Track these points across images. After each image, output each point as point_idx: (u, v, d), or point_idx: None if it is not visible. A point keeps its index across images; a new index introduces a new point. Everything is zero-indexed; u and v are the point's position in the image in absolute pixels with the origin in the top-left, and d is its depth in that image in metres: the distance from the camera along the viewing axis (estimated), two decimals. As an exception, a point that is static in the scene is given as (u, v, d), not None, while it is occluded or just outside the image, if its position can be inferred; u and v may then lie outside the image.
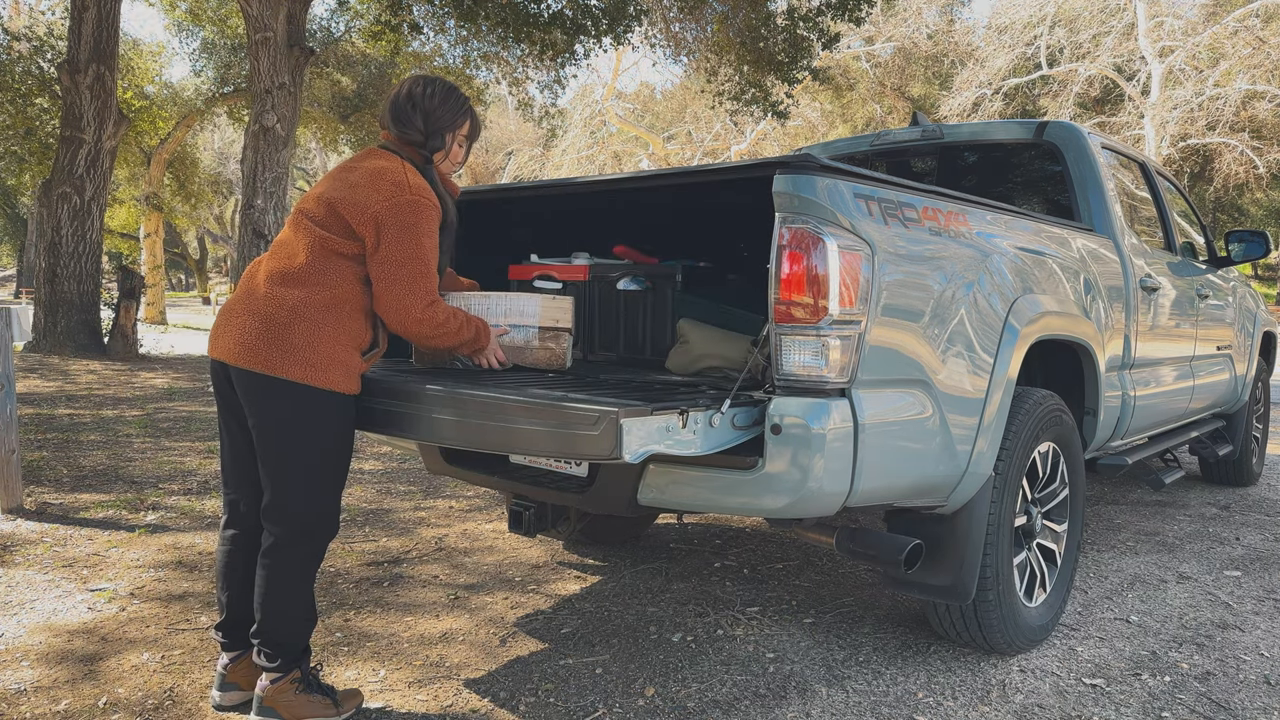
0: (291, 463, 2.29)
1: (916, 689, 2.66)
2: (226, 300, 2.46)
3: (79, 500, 4.65)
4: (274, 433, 2.28)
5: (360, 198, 2.31)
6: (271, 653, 2.35)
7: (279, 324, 2.25)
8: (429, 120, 2.48)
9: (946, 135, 4.21)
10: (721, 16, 13.03)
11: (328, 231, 2.31)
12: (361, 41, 18.19)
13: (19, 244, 37.29)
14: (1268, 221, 30.47)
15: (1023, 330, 2.70)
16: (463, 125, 2.55)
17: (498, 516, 4.59)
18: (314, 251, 2.31)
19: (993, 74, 26.24)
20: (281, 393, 2.24)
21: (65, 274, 10.80)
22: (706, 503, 2.35)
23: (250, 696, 2.42)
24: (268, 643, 2.35)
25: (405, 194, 2.31)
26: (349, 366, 2.31)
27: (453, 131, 2.53)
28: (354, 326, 2.32)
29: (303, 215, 2.38)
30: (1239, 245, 4.93)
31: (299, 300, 2.26)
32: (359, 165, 2.41)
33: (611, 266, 3.21)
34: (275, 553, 2.33)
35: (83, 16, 10.74)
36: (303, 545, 2.34)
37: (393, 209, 2.29)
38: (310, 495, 2.32)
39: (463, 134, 2.57)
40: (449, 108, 2.51)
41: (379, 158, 2.43)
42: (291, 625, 2.37)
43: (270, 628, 2.35)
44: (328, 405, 2.28)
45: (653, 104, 38.14)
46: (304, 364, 2.24)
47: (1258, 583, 3.76)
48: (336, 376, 2.27)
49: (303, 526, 2.33)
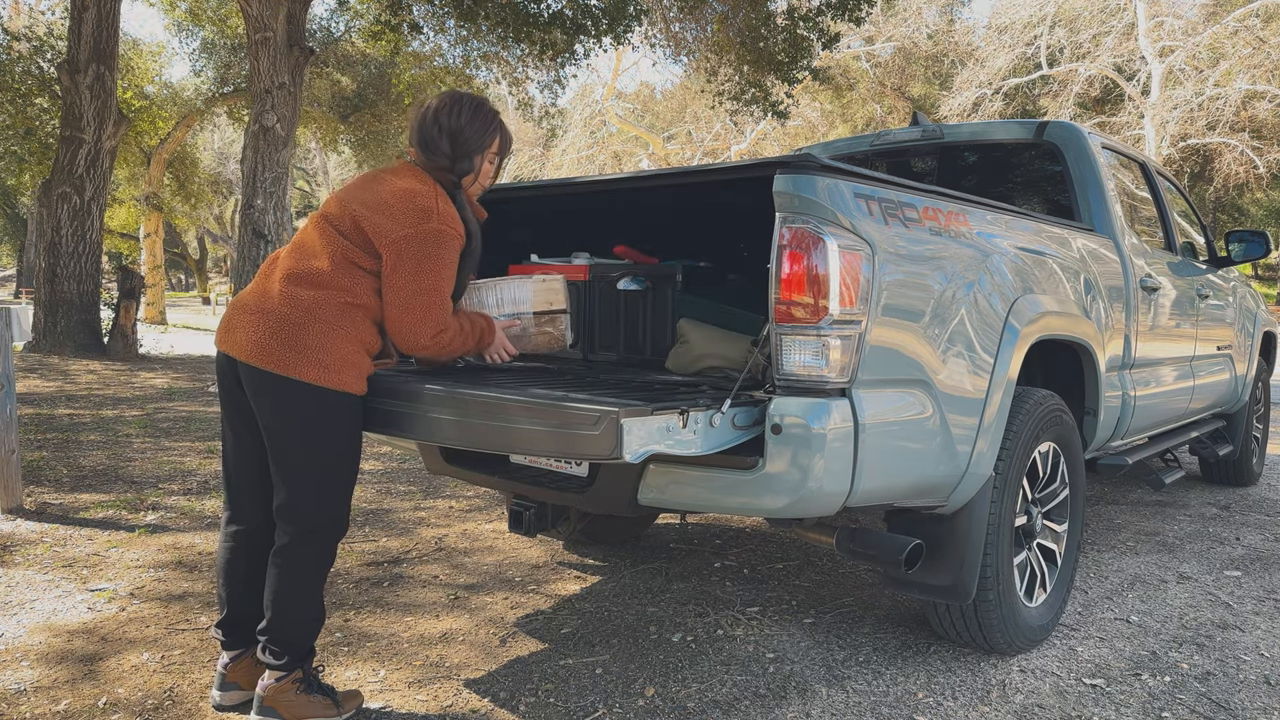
0: (305, 463, 2.29)
1: (916, 689, 2.66)
2: (239, 293, 2.45)
3: (79, 500, 4.64)
4: (287, 434, 2.27)
5: (385, 221, 2.28)
6: (278, 651, 2.35)
7: (293, 324, 2.24)
8: (456, 143, 2.42)
9: (946, 135, 4.21)
10: (721, 16, 13.04)
11: (350, 243, 2.31)
12: (361, 41, 18.19)
13: (19, 244, 37.29)
14: (1268, 221, 30.47)
15: (1023, 330, 2.70)
16: (492, 144, 2.48)
17: (498, 516, 4.59)
18: (335, 259, 2.30)
19: (993, 74, 26.24)
20: (295, 393, 2.24)
21: (65, 274, 10.81)
22: (707, 503, 2.35)
23: (251, 696, 2.42)
24: (275, 641, 2.35)
25: (431, 222, 2.28)
26: (360, 368, 2.31)
27: (481, 153, 2.47)
28: (367, 332, 2.33)
29: (327, 221, 2.36)
30: (1239, 245, 4.93)
31: (315, 301, 2.26)
32: (389, 182, 2.37)
33: (611, 266, 3.21)
34: (288, 552, 2.33)
35: (83, 16, 10.74)
36: (315, 544, 2.34)
37: (416, 237, 2.26)
38: (322, 495, 2.32)
39: (493, 153, 2.51)
40: (476, 128, 2.44)
41: (411, 177, 2.39)
42: (301, 625, 2.37)
43: (279, 626, 2.35)
44: (340, 406, 2.28)
45: (653, 104, 38.15)
46: (318, 365, 2.24)
47: (1258, 583, 3.75)
48: (349, 378, 2.28)
49: (315, 526, 2.33)
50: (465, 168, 2.44)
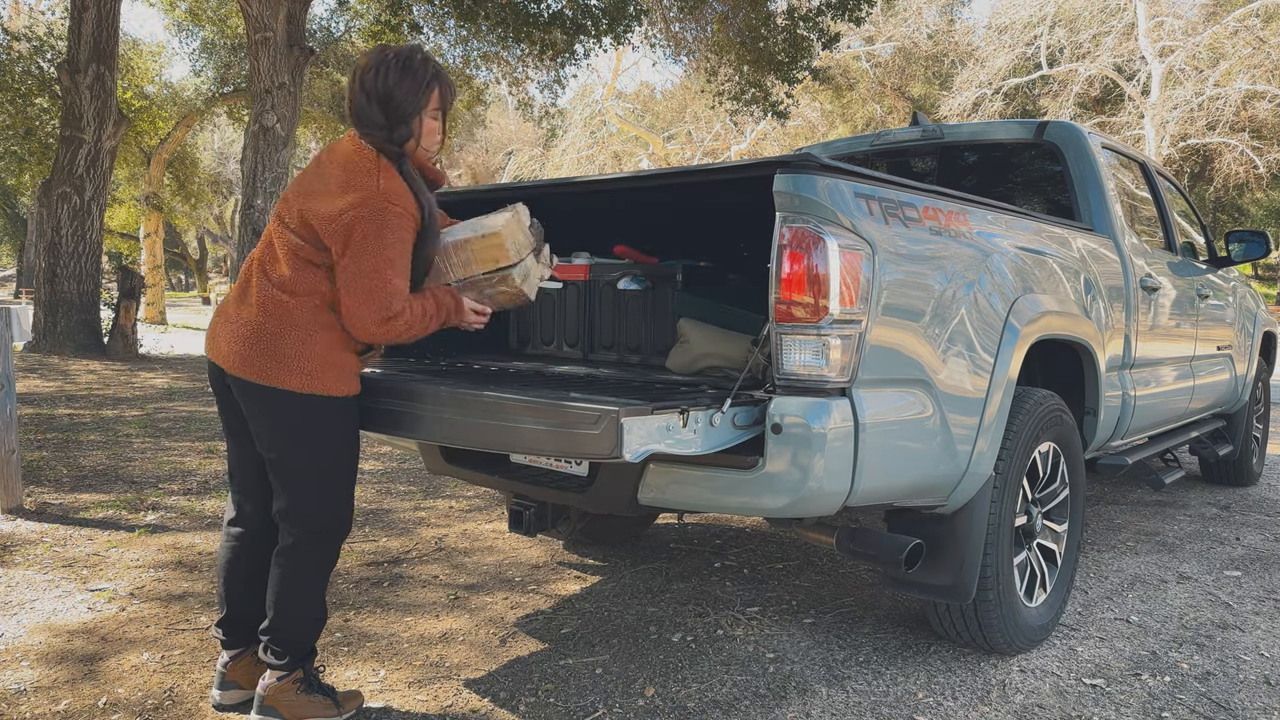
0: (301, 469, 2.28)
1: (916, 689, 2.66)
2: (225, 295, 2.44)
3: (79, 500, 4.64)
4: (279, 442, 2.26)
5: (324, 206, 2.16)
6: (280, 651, 2.35)
7: (269, 333, 2.21)
8: (389, 109, 2.21)
9: (946, 135, 4.21)
10: (721, 16, 13.04)
11: (303, 241, 2.22)
12: (361, 41, 18.18)
13: (19, 244, 37.28)
14: (1268, 221, 30.47)
15: (1023, 330, 2.69)
16: (429, 100, 2.25)
17: (498, 516, 4.59)
18: (293, 261, 2.23)
19: (993, 74, 26.24)
20: (280, 402, 2.22)
21: (65, 274, 10.80)
22: (707, 502, 2.35)
23: (250, 695, 2.42)
24: (277, 640, 2.35)
25: (372, 201, 2.13)
26: (345, 368, 2.28)
27: (418, 114, 2.24)
28: (344, 331, 2.26)
29: (279, 221, 2.27)
30: (1239, 245, 4.93)
31: (287, 307, 2.21)
32: (328, 163, 2.24)
33: (611, 266, 3.21)
34: (291, 553, 2.32)
35: (83, 16, 10.74)
36: (318, 545, 2.34)
37: (357, 219, 2.12)
38: (323, 498, 2.31)
39: (433, 109, 2.27)
40: (407, 88, 2.21)
41: (350, 152, 2.23)
42: (303, 625, 2.37)
43: (281, 626, 2.34)
44: (327, 410, 2.26)
45: (653, 104, 38.14)
46: (299, 373, 2.21)
47: (1258, 583, 3.75)
48: (333, 381, 2.25)
49: (318, 528, 2.33)
50: (404, 134, 2.22)
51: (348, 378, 2.29)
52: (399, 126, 2.22)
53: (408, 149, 2.25)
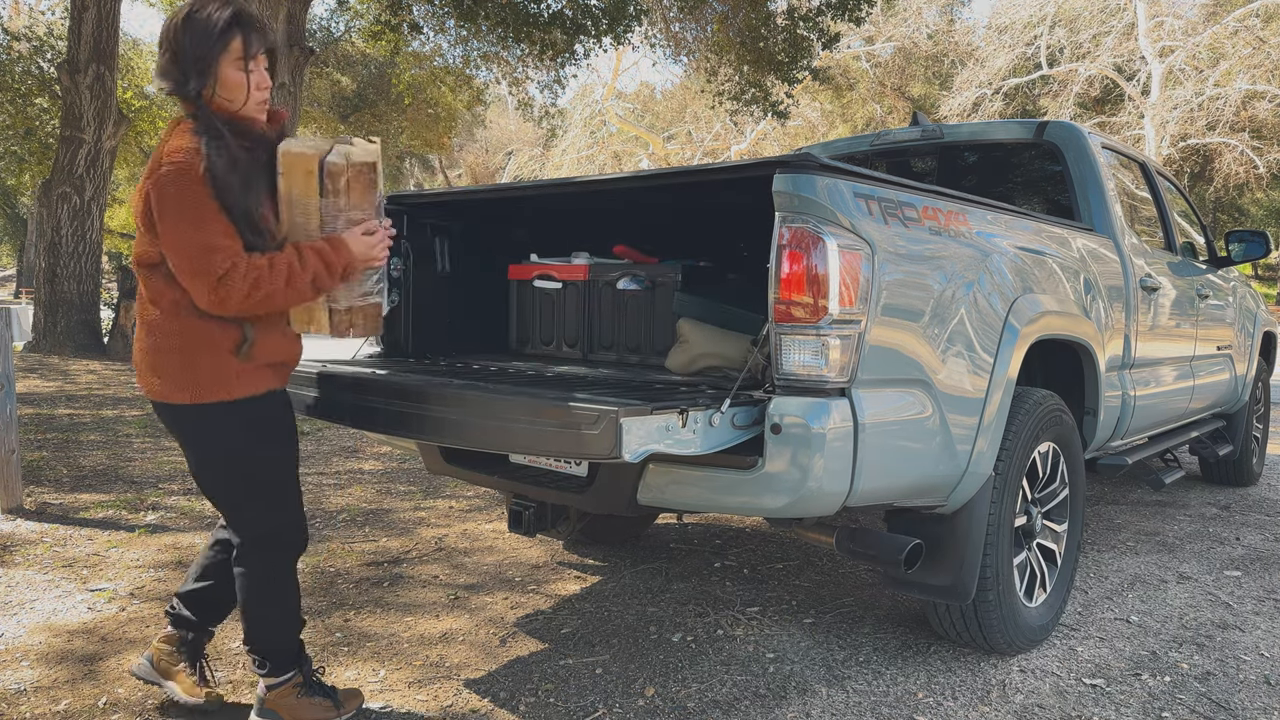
0: (221, 481, 2.22)
1: (916, 689, 2.66)
2: None
3: (79, 500, 4.64)
4: (192, 458, 2.22)
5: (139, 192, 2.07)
6: (259, 659, 2.34)
7: (152, 350, 2.13)
8: (181, 63, 2.07)
9: (946, 135, 4.21)
10: (721, 16, 13.04)
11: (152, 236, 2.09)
12: (361, 41, 18.20)
13: (19, 244, 37.26)
14: (1268, 221, 30.46)
15: (1023, 330, 2.69)
16: (225, 49, 2.09)
17: (498, 516, 4.59)
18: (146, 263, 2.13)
19: (993, 74, 26.25)
20: (180, 418, 2.14)
21: (65, 274, 10.81)
22: (706, 502, 2.35)
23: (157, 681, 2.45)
24: (254, 650, 2.34)
25: (155, 169, 2.02)
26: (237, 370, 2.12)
27: (214, 62, 2.09)
28: (218, 328, 2.10)
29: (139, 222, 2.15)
30: (1239, 245, 4.93)
31: (158, 319, 2.12)
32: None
33: (611, 266, 3.21)
34: (240, 562, 2.29)
35: (83, 16, 10.74)
36: (262, 553, 2.28)
37: (150, 190, 2.01)
38: (254, 507, 2.24)
39: (235, 57, 2.11)
40: (195, 36, 2.07)
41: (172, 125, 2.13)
42: (274, 630, 2.34)
43: (255, 634, 2.33)
44: (235, 416, 2.13)
45: (653, 104, 38.16)
46: (189, 385, 2.10)
47: (1258, 583, 3.75)
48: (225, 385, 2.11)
49: (263, 536, 2.26)
50: (198, 85, 2.08)
51: (246, 379, 2.13)
52: (191, 79, 2.08)
53: (208, 97, 2.10)
